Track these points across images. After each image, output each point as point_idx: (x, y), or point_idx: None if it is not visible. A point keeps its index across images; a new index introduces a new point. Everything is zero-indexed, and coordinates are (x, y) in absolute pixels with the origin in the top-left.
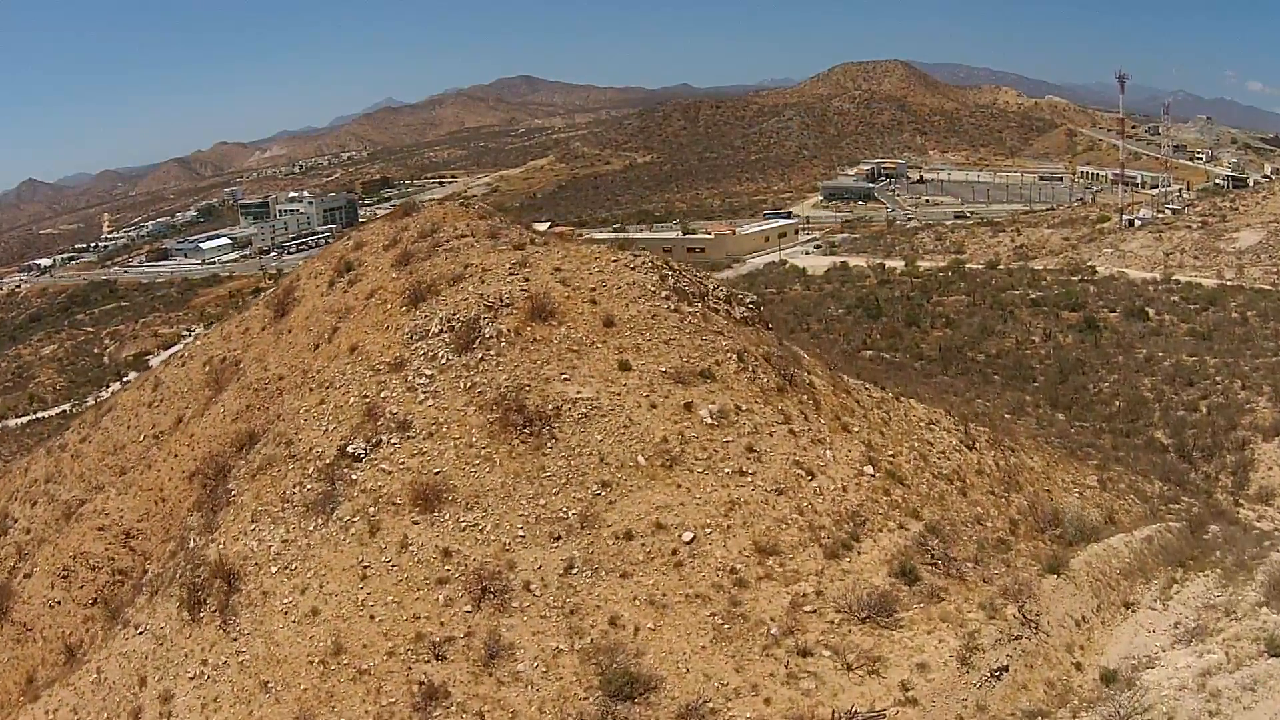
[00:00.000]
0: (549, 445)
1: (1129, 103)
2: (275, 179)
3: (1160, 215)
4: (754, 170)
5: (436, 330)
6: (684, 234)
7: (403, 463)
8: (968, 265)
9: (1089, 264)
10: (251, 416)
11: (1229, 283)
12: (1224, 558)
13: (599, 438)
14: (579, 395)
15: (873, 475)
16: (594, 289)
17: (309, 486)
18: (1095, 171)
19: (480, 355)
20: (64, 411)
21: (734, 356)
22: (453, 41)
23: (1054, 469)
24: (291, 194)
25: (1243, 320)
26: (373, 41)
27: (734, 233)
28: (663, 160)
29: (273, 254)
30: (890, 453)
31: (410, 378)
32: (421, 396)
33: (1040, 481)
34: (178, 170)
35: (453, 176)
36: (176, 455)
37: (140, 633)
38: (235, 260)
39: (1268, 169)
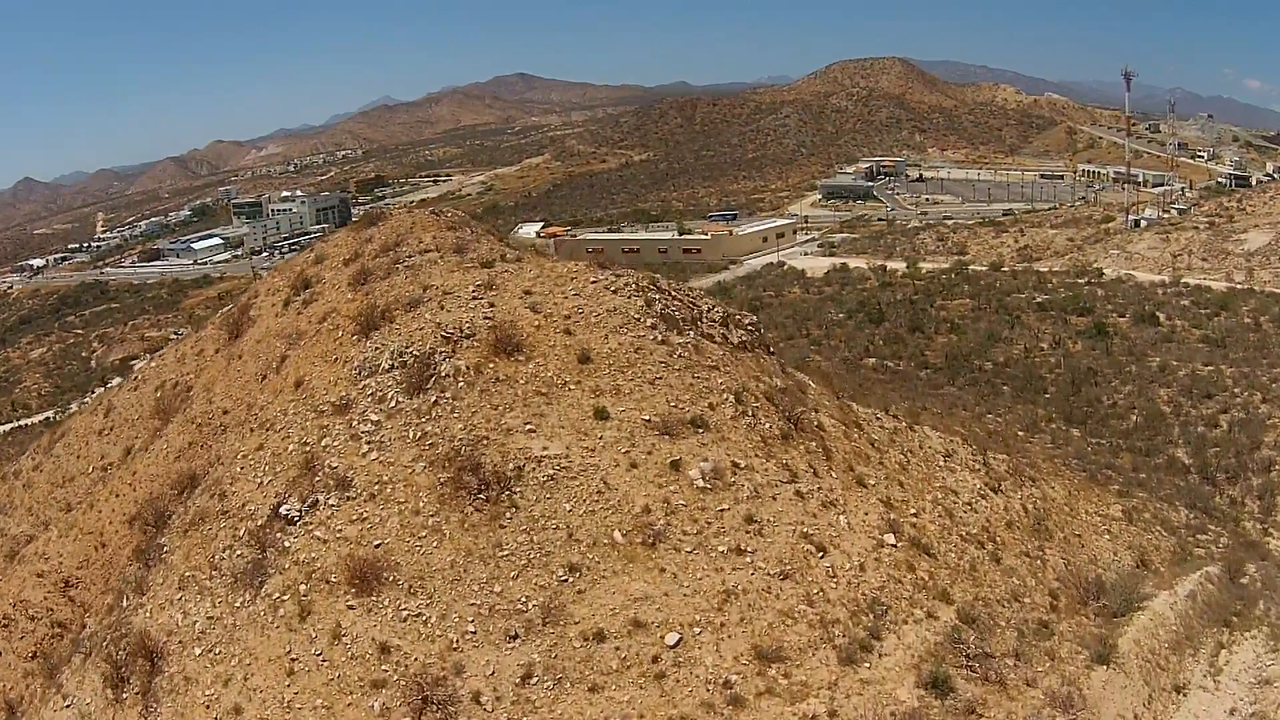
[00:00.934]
0: (508, 516)
1: (1123, 99)
2: (270, 178)
3: (1166, 215)
4: (751, 168)
5: (387, 366)
6: (680, 234)
7: (340, 530)
8: (971, 267)
9: (1095, 266)
10: (194, 455)
11: (1239, 286)
12: (1269, 611)
13: (568, 507)
14: (545, 453)
15: (894, 545)
16: (569, 317)
17: (239, 552)
18: (1096, 170)
19: (434, 398)
20: (47, 419)
21: (731, 398)
22: (450, 39)
23: (1077, 498)
24: (284, 193)
25: (1256, 326)
26: (371, 40)
27: (731, 233)
28: (659, 158)
29: (264, 254)
30: (912, 509)
31: (355, 423)
32: (365, 447)
33: (1068, 523)
34: (173, 169)
35: (448, 175)
36: (118, 495)
37: (68, 705)
38: (227, 261)
39: (1270, 167)
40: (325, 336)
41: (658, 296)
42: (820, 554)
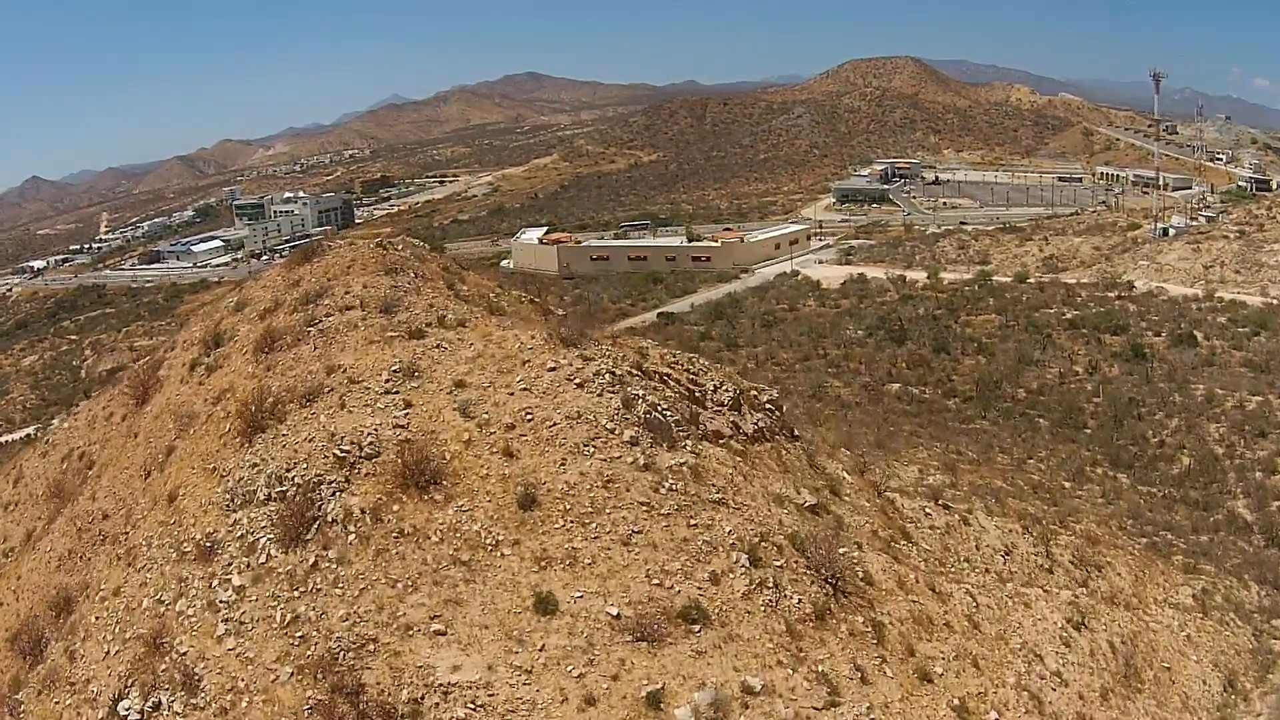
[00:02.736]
0: None
1: (1133, 99)
2: (275, 177)
3: (1194, 223)
4: (763, 170)
5: (263, 495)
6: (689, 241)
7: None
8: (995, 278)
9: (1125, 278)
10: (74, 567)
11: (1274, 301)
12: None
13: None
14: (456, 678)
15: None
16: (512, 426)
17: None
18: (1115, 172)
19: (313, 557)
20: (27, 436)
21: (743, 558)
22: (460, 38)
23: (1144, 583)
24: (287, 194)
25: None
26: (382, 38)
27: (742, 240)
28: (668, 159)
29: (265, 257)
30: (992, 710)
31: (216, 583)
32: (222, 627)
33: (1153, 646)
34: (180, 168)
35: (454, 175)
36: (2, 604)
37: None
38: (226, 264)
39: None
40: (213, 429)
41: (641, 391)
42: None
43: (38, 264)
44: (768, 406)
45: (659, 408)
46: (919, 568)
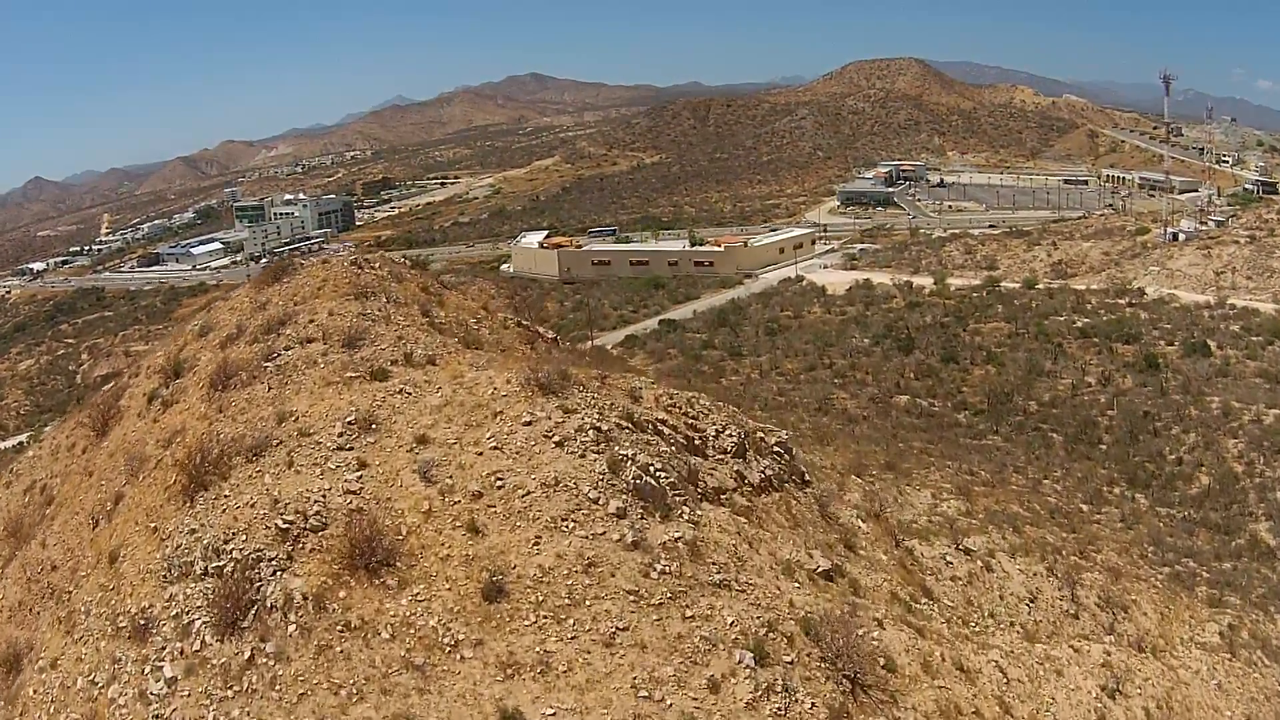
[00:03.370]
0: None
1: (1136, 101)
2: (277, 179)
3: (1204, 228)
4: (766, 171)
5: (200, 569)
6: (692, 245)
7: None
8: (1003, 284)
9: (1135, 285)
10: (23, 621)
11: None
12: None
13: None
14: None
15: None
16: (480, 494)
17: None
18: (1121, 175)
19: (249, 652)
20: (20, 444)
21: (748, 656)
22: (464, 38)
23: (1170, 621)
24: (287, 196)
25: None
26: (386, 38)
27: (745, 244)
28: (671, 161)
29: (265, 260)
30: None
31: (148, 670)
32: None
33: (1185, 703)
34: (183, 169)
35: (455, 177)
36: None
37: None
38: (225, 267)
39: None
40: (159, 479)
41: (631, 450)
42: None
43: (37, 266)
44: (776, 450)
45: (651, 468)
46: (943, 635)
